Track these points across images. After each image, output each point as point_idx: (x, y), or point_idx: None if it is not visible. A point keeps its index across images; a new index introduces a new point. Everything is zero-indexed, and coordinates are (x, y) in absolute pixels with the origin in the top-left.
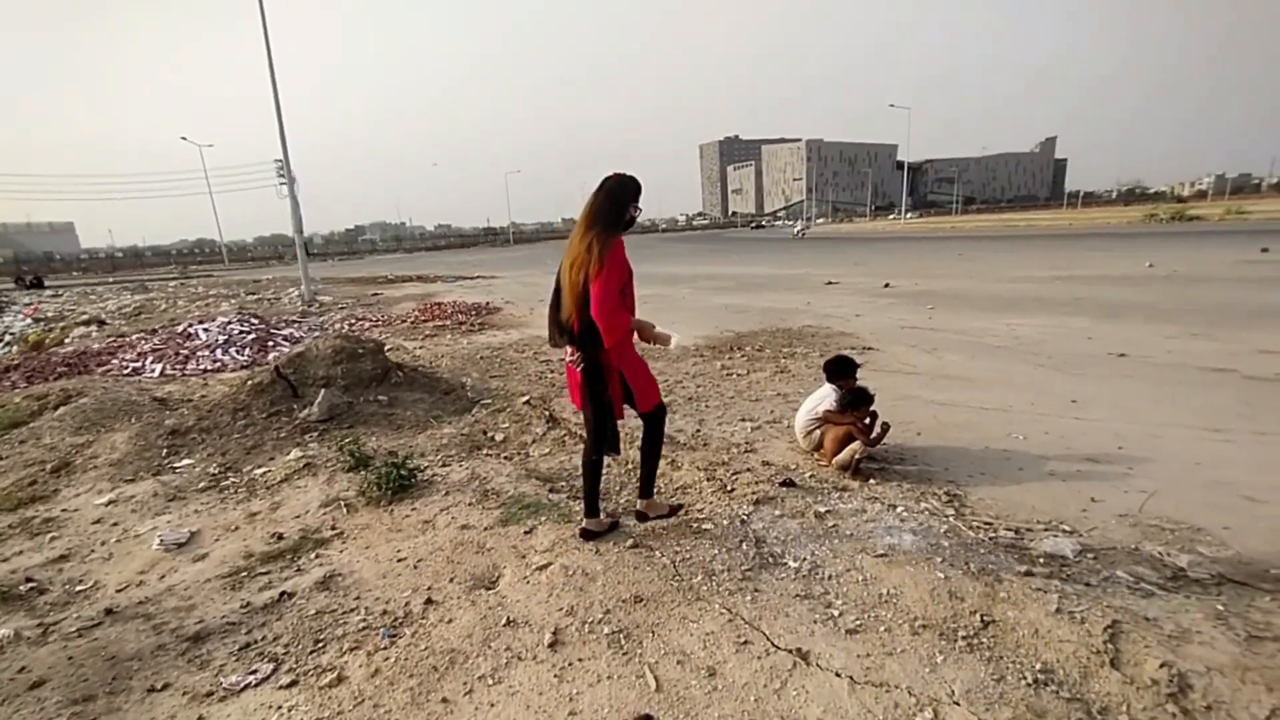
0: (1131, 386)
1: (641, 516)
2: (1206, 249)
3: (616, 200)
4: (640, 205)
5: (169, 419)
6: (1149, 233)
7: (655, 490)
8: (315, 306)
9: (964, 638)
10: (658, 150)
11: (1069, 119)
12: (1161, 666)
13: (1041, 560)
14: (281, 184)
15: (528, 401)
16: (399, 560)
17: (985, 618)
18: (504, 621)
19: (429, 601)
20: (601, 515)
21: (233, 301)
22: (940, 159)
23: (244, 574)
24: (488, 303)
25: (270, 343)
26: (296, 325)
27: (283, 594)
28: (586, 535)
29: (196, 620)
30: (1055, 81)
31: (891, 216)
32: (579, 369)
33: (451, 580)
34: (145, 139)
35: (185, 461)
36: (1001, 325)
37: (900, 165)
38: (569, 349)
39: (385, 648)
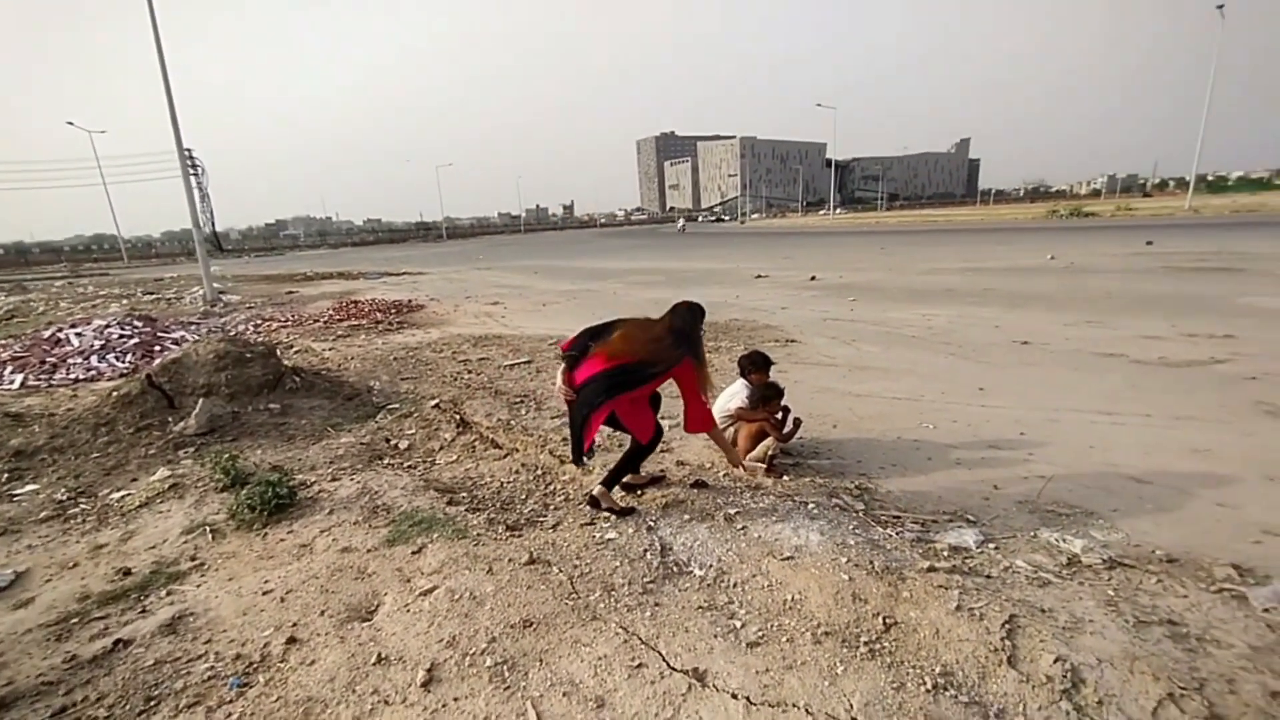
0: (1033, 373)
1: (594, 502)
2: (1100, 243)
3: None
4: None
5: (16, 438)
6: (1051, 228)
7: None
8: (219, 307)
9: (865, 644)
10: (595, 145)
11: (981, 121)
12: (1055, 661)
13: (945, 553)
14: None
15: (437, 405)
16: (264, 593)
17: (888, 620)
18: (374, 659)
19: (291, 640)
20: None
21: (124, 303)
22: (866, 157)
23: (75, 621)
24: (410, 300)
25: (157, 347)
26: (193, 328)
27: (118, 642)
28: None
29: (4, 682)
30: (968, 85)
31: (822, 212)
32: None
33: (323, 613)
34: (30, 124)
35: (28, 488)
36: (917, 316)
37: (829, 163)
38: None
39: (230, 701)
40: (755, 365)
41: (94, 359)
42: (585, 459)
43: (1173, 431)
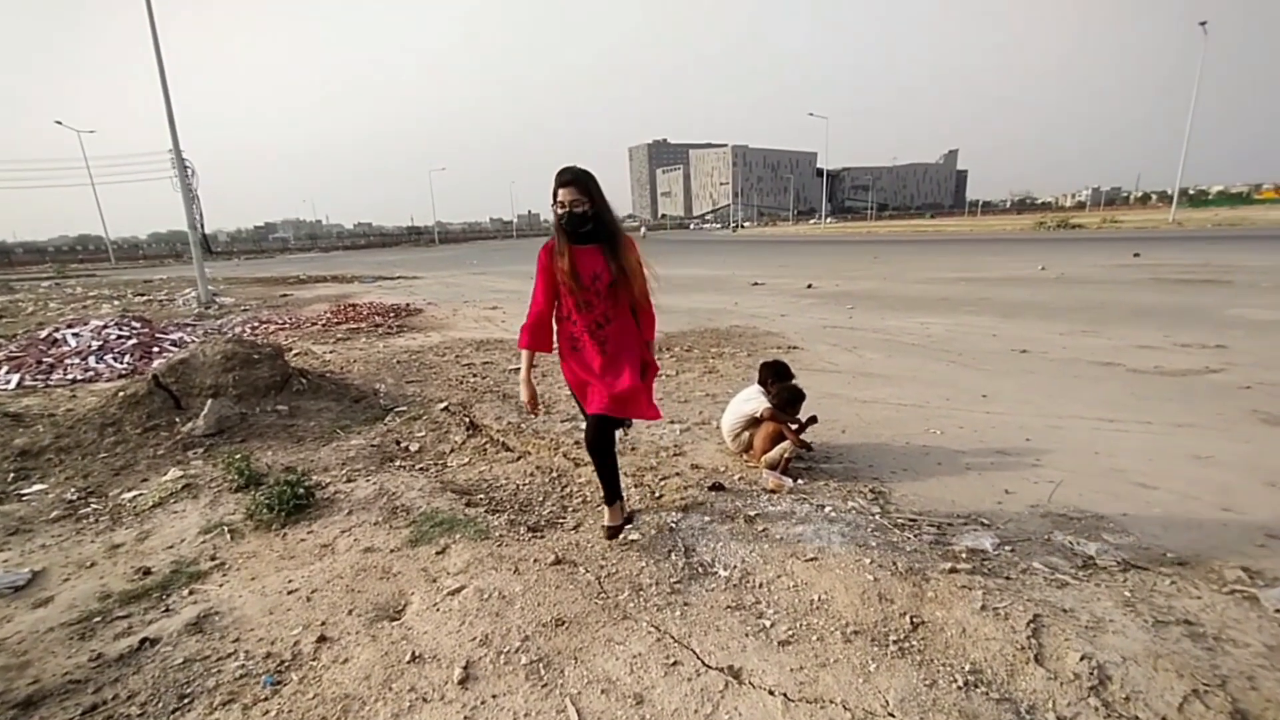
0: (1033, 381)
1: (613, 531)
2: (1088, 254)
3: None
4: (558, 197)
5: (20, 438)
6: (1039, 239)
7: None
8: (213, 309)
9: (895, 642)
10: (588, 151)
11: (968, 133)
12: (1082, 659)
13: (964, 555)
14: (175, 175)
15: (446, 408)
16: (289, 592)
17: (915, 619)
18: (408, 657)
19: (322, 639)
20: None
21: (116, 304)
22: (856, 167)
23: (98, 620)
24: (408, 304)
25: (155, 348)
26: (189, 329)
27: (144, 641)
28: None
29: (30, 680)
30: (956, 97)
31: (812, 221)
32: None
33: (350, 612)
34: (16, 123)
35: (36, 487)
36: (915, 324)
37: (820, 172)
38: None
39: (265, 699)
40: (778, 375)
41: (92, 360)
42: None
43: (1174, 438)
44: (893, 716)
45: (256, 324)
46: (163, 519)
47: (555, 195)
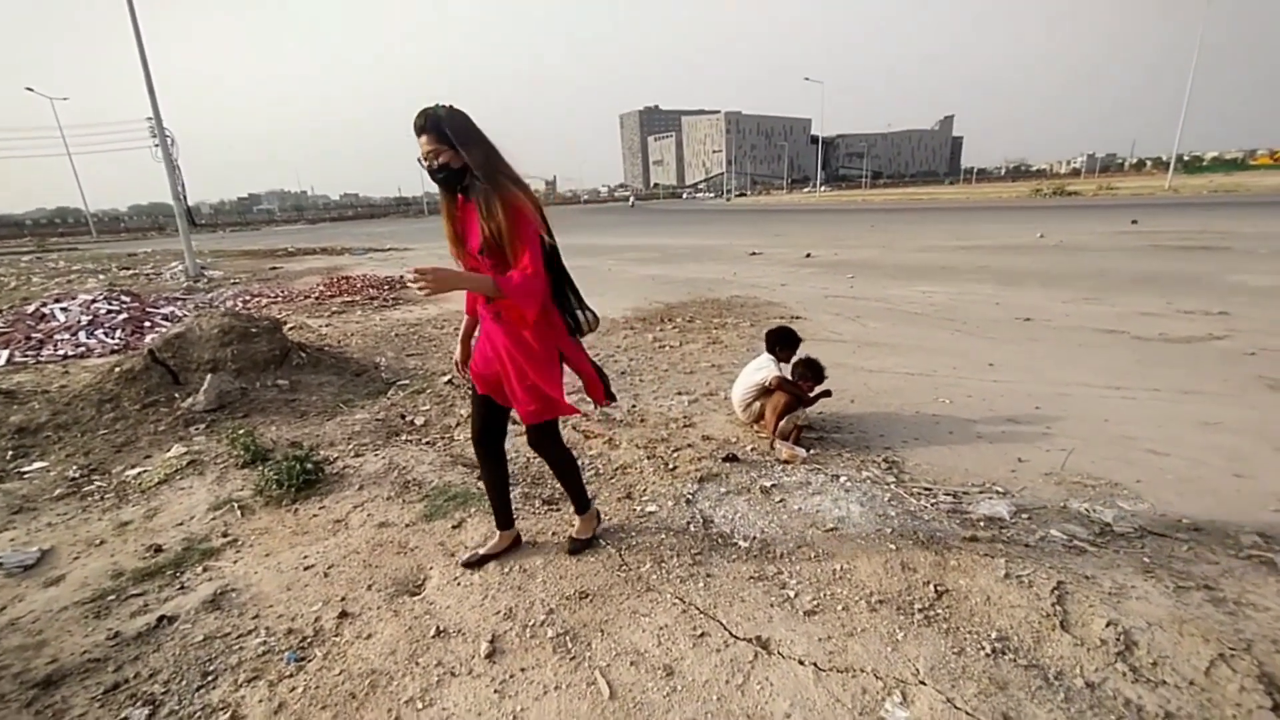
0: (1039, 349)
1: (577, 546)
2: (1085, 221)
3: None
4: (421, 146)
5: (15, 414)
6: (1036, 206)
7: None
8: (202, 282)
9: (920, 610)
10: (577, 119)
11: (963, 99)
12: (1108, 625)
13: (982, 524)
14: (155, 145)
15: (450, 381)
16: (306, 568)
17: (939, 588)
18: (433, 632)
19: (343, 615)
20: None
21: (101, 278)
22: (850, 134)
23: (112, 598)
24: (402, 276)
25: (146, 323)
26: (179, 303)
27: (162, 619)
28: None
29: (48, 660)
30: (951, 61)
31: (807, 189)
32: None
33: (369, 587)
34: None
35: (37, 465)
36: (917, 293)
37: (814, 140)
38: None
39: (291, 675)
40: (786, 343)
41: (82, 335)
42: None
43: (1181, 405)
44: (924, 684)
45: (248, 297)
46: (170, 496)
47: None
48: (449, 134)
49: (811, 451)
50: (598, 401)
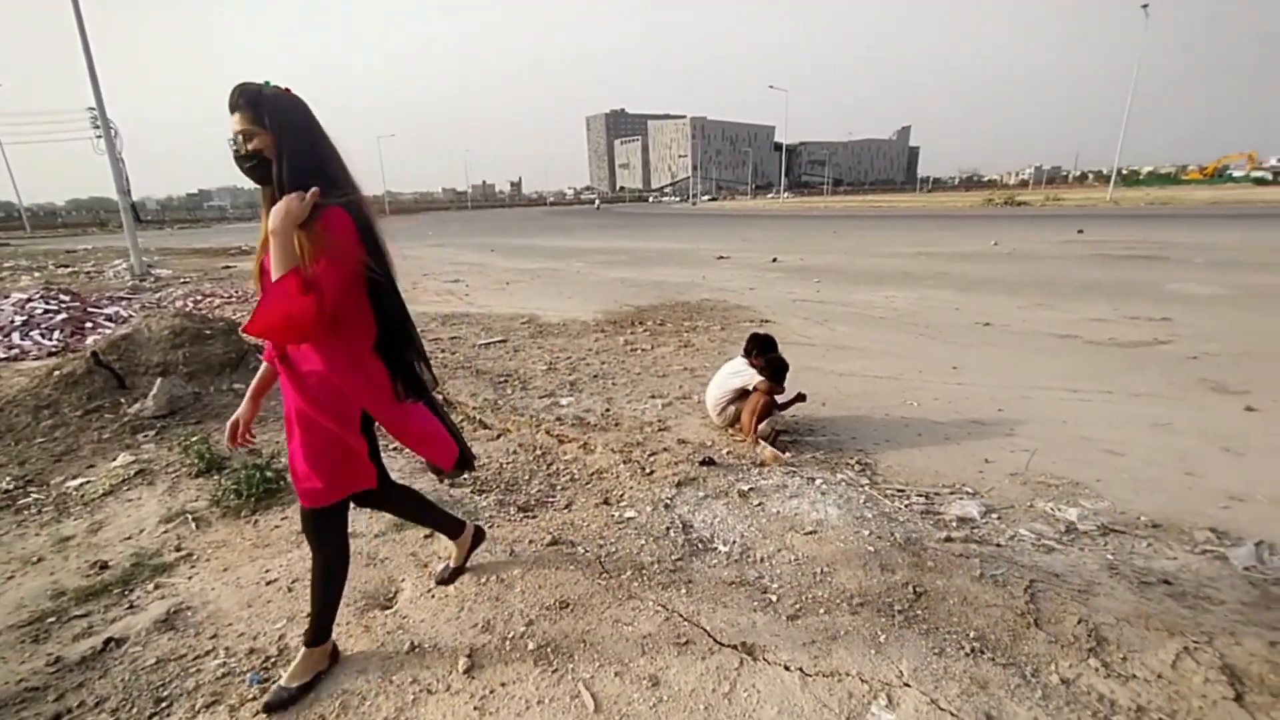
0: (999, 353)
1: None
2: (1035, 230)
3: None
4: (232, 125)
5: None
6: (988, 215)
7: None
8: (149, 281)
9: (900, 612)
10: (544, 120)
11: (918, 111)
12: (1079, 622)
13: (955, 524)
14: (98, 136)
15: None
16: (268, 583)
17: (917, 589)
18: (407, 648)
19: None
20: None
21: (37, 275)
22: (812, 142)
23: (52, 620)
24: None
25: (88, 324)
26: (125, 303)
27: (109, 642)
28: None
29: None
30: (909, 73)
31: (770, 195)
32: None
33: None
34: None
35: None
36: (880, 298)
37: (778, 147)
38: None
39: (254, 698)
40: (764, 347)
41: (15, 336)
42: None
43: (1133, 407)
44: (908, 686)
45: (200, 297)
46: (116, 508)
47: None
48: (267, 117)
49: (787, 455)
50: (442, 468)
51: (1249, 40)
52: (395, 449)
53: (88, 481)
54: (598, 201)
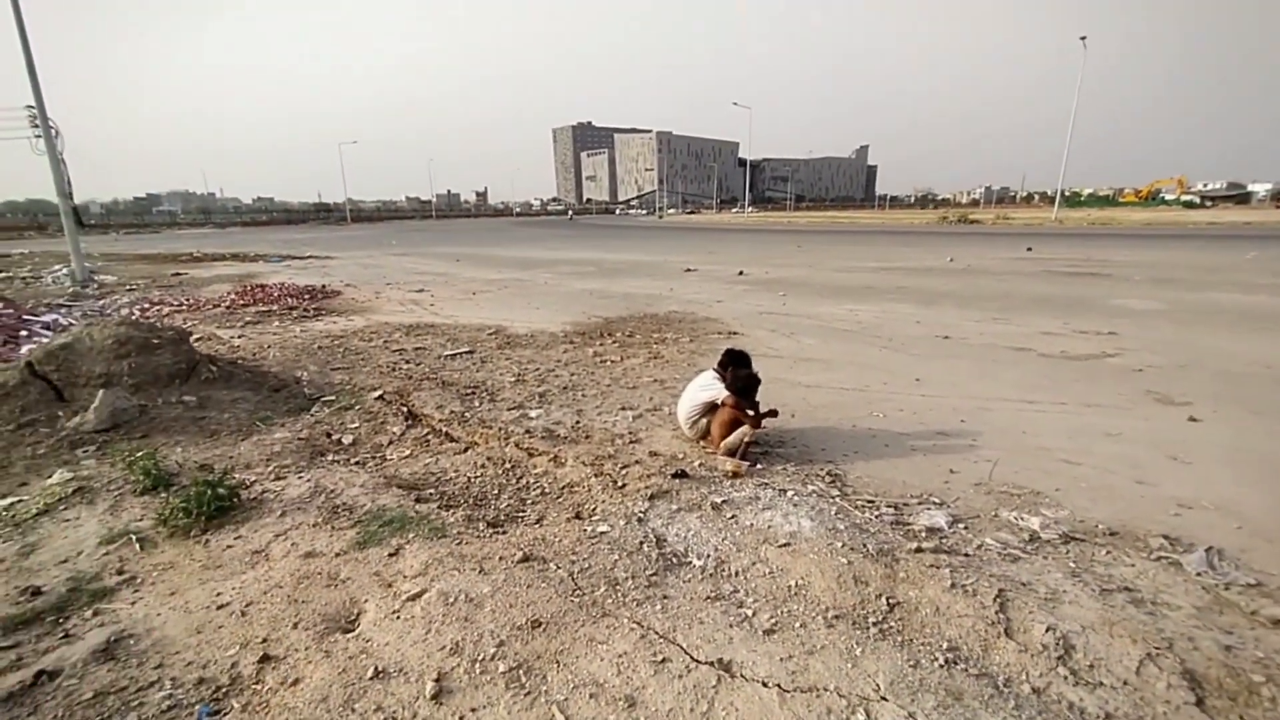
0: (959, 365)
1: None
2: (987, 247)
3: None
4: None
5: None
6: (943, 232)
7: None
8: (92, 288)
9: (875, 624)
10: (511, 130)
11: (875, 131)
12: (1047, 631)
13: (924, 534)
14: (37, 136)
15: (381, 396)
16: (219, 607)
17: (890, 600)
18: (371, 673)
19: (265, 658)
20: None
21: None
22: (775, 159)
23: None
24: (324, 285)
25: (23, 332)
26: (64, 311)
27: (40, 675)
28: None
29: None
30: (866, 93)
31: (735, 210)
32: None
33: (295, 626)
34: None
35: None
36: (844, 311)
37: (742, 162)
38: None
39: None
40: (738, 362)
41: None
42: None
43: (1086, 418)
44: (885, 700)
45: (147, 305)
46: (51, 529)
47: None
48: None
49: (758, 466)
50: None
51: (1175, 71)
52: (358, 462)
53: (19, 500)
54: (570, 212)
